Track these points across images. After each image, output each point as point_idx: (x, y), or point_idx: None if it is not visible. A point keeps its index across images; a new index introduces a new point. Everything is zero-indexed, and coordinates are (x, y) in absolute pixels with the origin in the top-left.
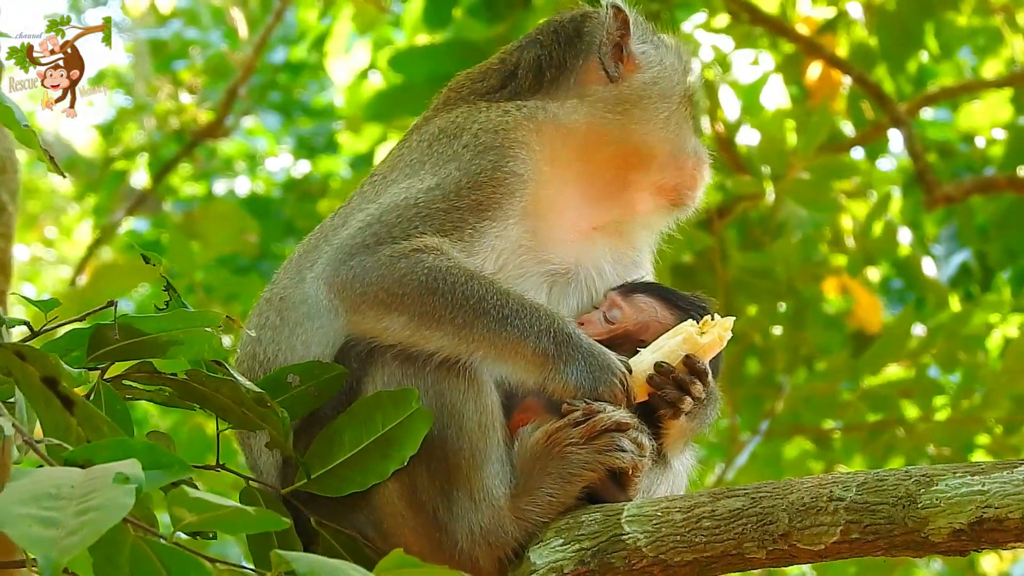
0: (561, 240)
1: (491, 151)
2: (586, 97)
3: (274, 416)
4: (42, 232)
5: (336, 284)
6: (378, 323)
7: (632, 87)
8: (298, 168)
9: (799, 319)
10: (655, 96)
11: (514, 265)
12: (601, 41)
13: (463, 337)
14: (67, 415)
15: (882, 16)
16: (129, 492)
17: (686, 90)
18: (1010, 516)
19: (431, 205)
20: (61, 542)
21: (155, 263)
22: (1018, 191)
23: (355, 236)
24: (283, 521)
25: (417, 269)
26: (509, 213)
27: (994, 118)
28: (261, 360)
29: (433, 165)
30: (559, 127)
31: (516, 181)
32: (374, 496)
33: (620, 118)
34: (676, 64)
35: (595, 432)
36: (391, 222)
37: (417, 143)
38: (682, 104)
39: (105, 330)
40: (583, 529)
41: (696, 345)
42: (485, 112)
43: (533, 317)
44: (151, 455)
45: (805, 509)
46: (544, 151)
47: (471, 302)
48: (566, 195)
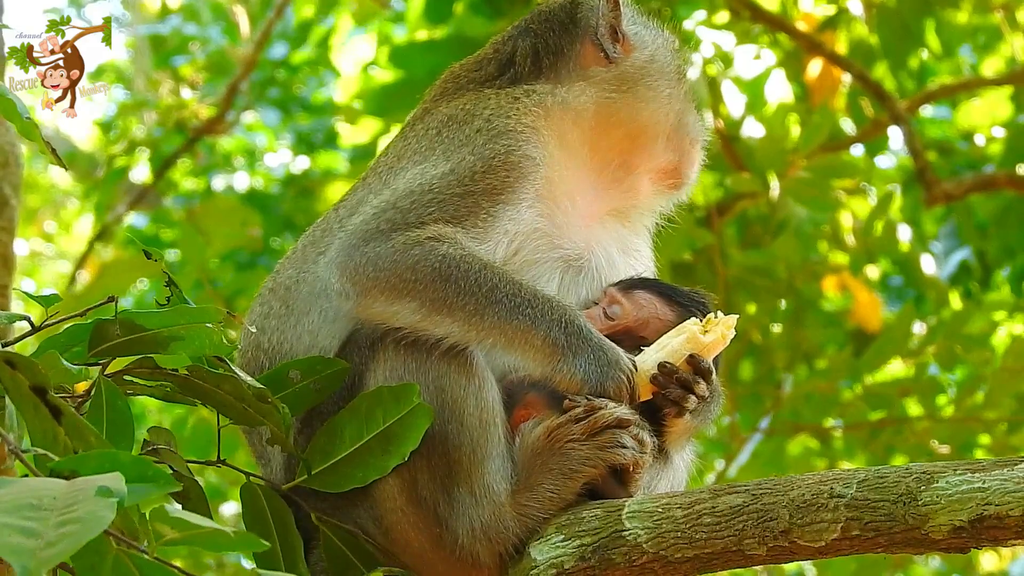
0: (574, 225)
1: (504, 135)
2: (590, 79)
3: (275, 412)
4: (41, 227)
5: (349, 268)
6: (389, 307)
7: (633, 66)
8: (297, 164)
9: (798, 317)
10: (655, 73)
11: (528, 250)
12: (597, 23)
13: (474, 325)
14: (55, 424)
15: (883, 13)
16: (110, 505)
17: (679, 67)
18: (1010, 513)
19: (445, 191)
20: (39, 553)
21: (157, 259)
22: (1017, 189)
23: (368, 222)
24: (262, 543)
25: (431, 256)
26: (523, 197)
27: (993, 116)
28: (266, 349)
29: (445, 151)
30: (568, 110)
31: (530, 164)
32: (375, 492)
33: (626, 96)
34: (667, 42)
35: (596, 428)
36: (405, 208)
37: (424, 132)
38: (680, 81)
39: (106, 326)
40: (584, 525)
41: (700, 344)
42: (495, 99)
43: (545, 307)
44: (138, 468)
45: (806, 506)
46: (556, 135)
47: (483, 290)
48: (578, 179)
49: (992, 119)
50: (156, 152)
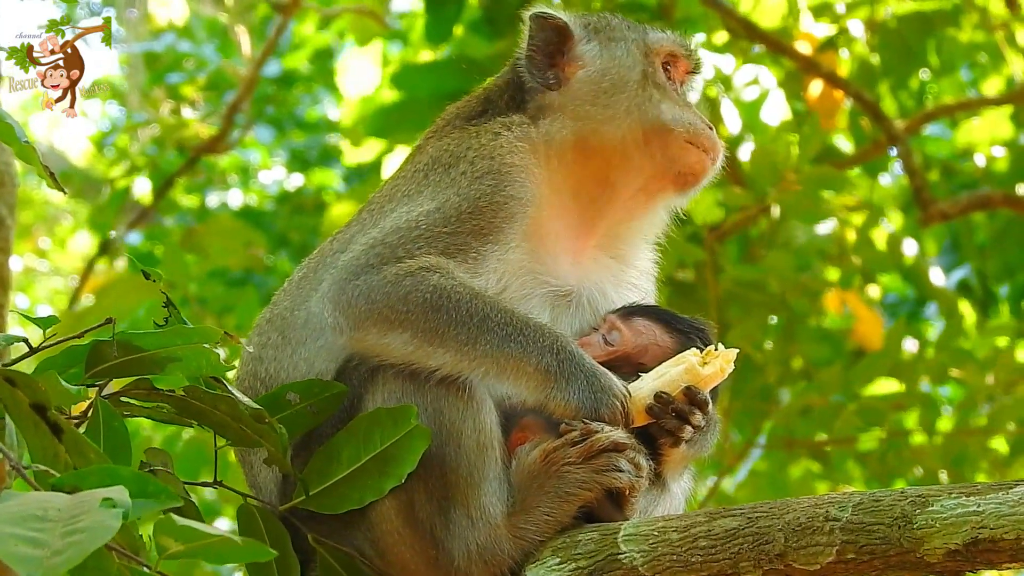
0: (561, 261)
1: (488, 176)
2: (553, 109)
3: (272, 433)
4: (36, 243)
5: (341, 302)
6: (381, 339)
7: (580, 86)
8: (291, 181)
9: (790, 332)
10: (607, 87)
11: (516, 286)
12: (524, 54)
13: (466, 354)
14: (55, 442)
15: (884, 33)
16: (115, 516)
17: (646, 71)
18: (1005, 537)
19: (433, 228)
20: (46, 562)
21: (155, 279)
22: (1014, 208)
23: (359, 257)
24: (270, 552)
25: (422, 287)
26: (510, 237)
27: (993, 135)
28: (263, 378)
29: (433, 192)
30: (543, 142)
31: (515, 204)
32: (371, 513)
33: (584, 120)
34: (628, 50)
35: (593, 452)
36: (394, 243)
37: (412, 173)
38: (644, 86)
39: (103, 347)
40: (580, 548)
41: (697, 376)
42: (476, 137)
43: (537, 335)
44: (139, 483)
45: (801, 529)
46: (538, 170)
47: (475, 320)
48: (565, 215)
49: (992, 138)
50: (156, 171)
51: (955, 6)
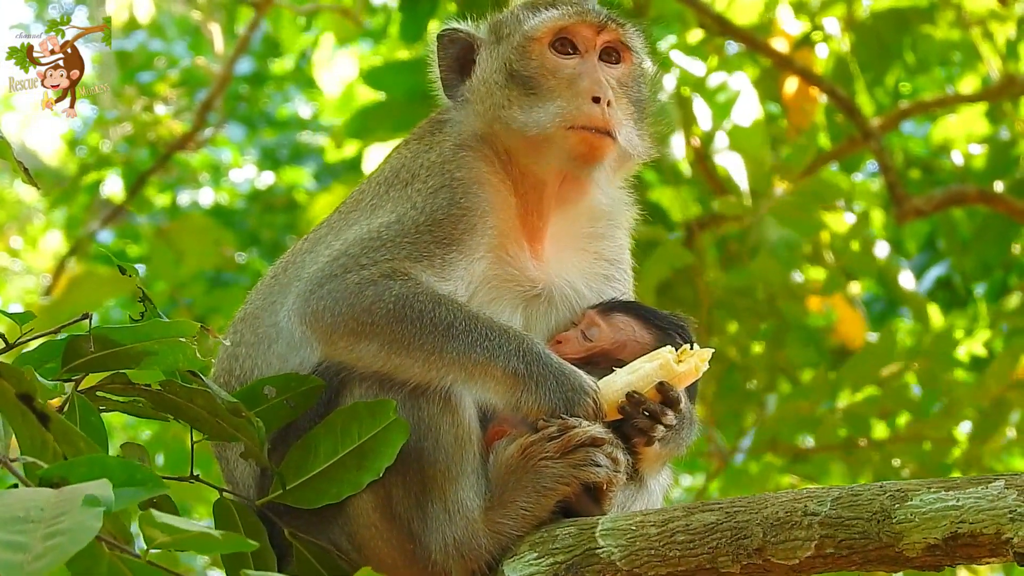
0: (526, 262)
1: (443, 191)
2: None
3: (249, 427)
4: (7, 242)
5: (308, 316)
6: (351, 352)
7: (472, 97)
8: (262, 179)
9: (779, 338)
10: (483, 90)
11: (484, 292)
12: (438, 76)
13: (433, 363)
14: (43, 431)
15: (860, 31)
16: (97, 515)
17: (511, 70)
18: (984, 531)
19: (395, 238)
20: (28, 566)
21: (131, 274)
22: (989, 204)
23: (323, 268)
24: (250, 544)
25: (385, 297)
26: (473, 248)
27: (969, 132)
28: (238, 375)
29: (393, 206)
30: (487, 151)
31: (473, 216)
32: (349, 508)
33: (483, 129)
34: (504, 50)
35: (570, 447)
36: (356, 253)
37: (377, 184)
38: (506, 86)
39: (79, 341)
40: (557, 543)
41: (672, 373)
42: (427, 153)
43: (502, 339)
44: (127, 471)
45: (780, 523)
46: (493, 178)
47: (440, 328)
48: (516, 215)
49: (968, 135)
50: (128, 168)
51: (931, 3)
